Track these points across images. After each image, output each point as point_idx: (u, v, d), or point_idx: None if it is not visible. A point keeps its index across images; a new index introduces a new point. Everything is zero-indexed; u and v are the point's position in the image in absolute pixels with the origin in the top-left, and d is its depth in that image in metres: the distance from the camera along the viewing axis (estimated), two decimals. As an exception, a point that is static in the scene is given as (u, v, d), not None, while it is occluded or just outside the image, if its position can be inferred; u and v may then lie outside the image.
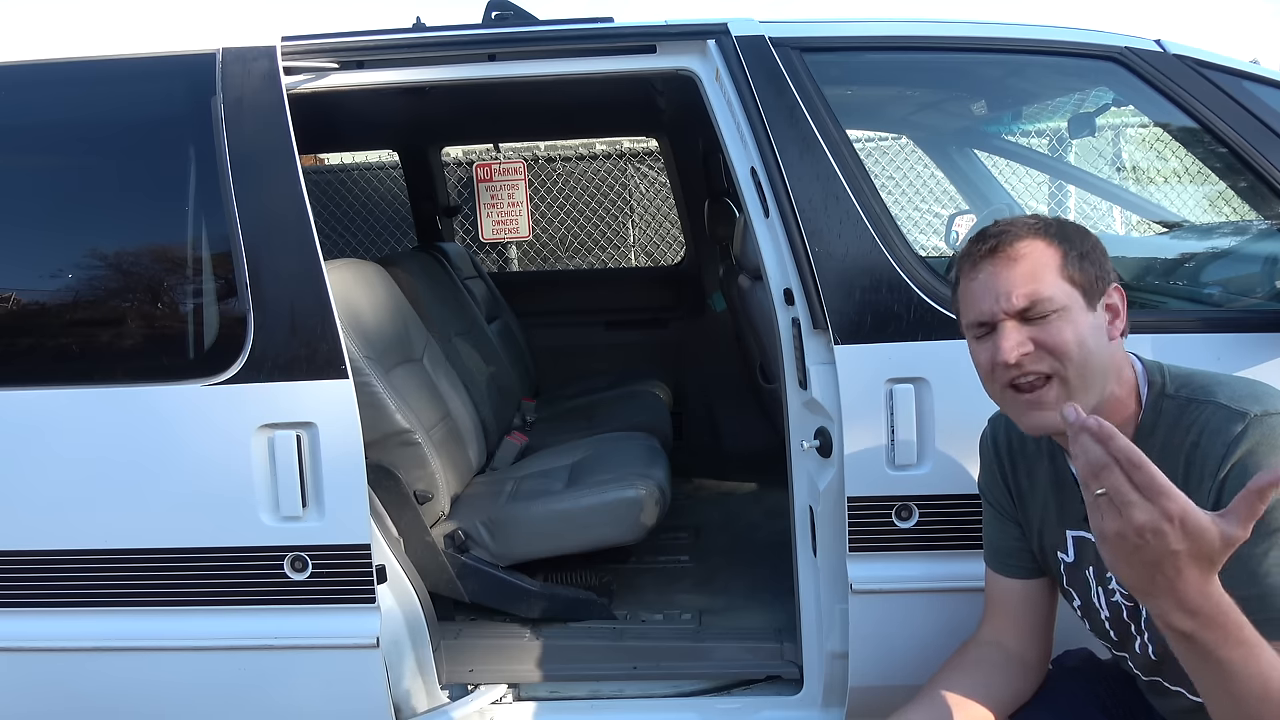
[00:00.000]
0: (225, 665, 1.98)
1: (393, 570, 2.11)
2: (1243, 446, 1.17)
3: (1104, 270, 1.31)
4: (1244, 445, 1.17)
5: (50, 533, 1.95)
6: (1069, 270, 1.27)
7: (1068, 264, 1.28)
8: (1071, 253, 1.29)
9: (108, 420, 1.92)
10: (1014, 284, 1.27)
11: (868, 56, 2.17)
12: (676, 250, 6.22)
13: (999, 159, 3.58)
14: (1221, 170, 2.11)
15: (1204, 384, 1.27)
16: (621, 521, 2.45)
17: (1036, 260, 1.27)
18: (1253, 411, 1.19)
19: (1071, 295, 1.27)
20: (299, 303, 1.91)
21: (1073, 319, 1.26)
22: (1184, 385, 1.29)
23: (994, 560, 1.58)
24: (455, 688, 2.21)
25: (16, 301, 2.01)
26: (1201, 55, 1.96)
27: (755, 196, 1.97)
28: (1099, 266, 1.30)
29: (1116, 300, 1.31)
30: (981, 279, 1.30)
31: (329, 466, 1.90)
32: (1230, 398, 1.22)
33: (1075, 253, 1.29)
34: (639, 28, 2.05)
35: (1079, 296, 1.27)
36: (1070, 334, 1.25)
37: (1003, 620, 1.55)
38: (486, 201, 5.56)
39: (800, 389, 1.97)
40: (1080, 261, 1.28)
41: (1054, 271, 1.27)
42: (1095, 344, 1.26)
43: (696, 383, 4.29)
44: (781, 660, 2.19)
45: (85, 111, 2.03)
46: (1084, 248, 1.30)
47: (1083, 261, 1.29)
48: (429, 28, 2.10)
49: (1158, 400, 1.29)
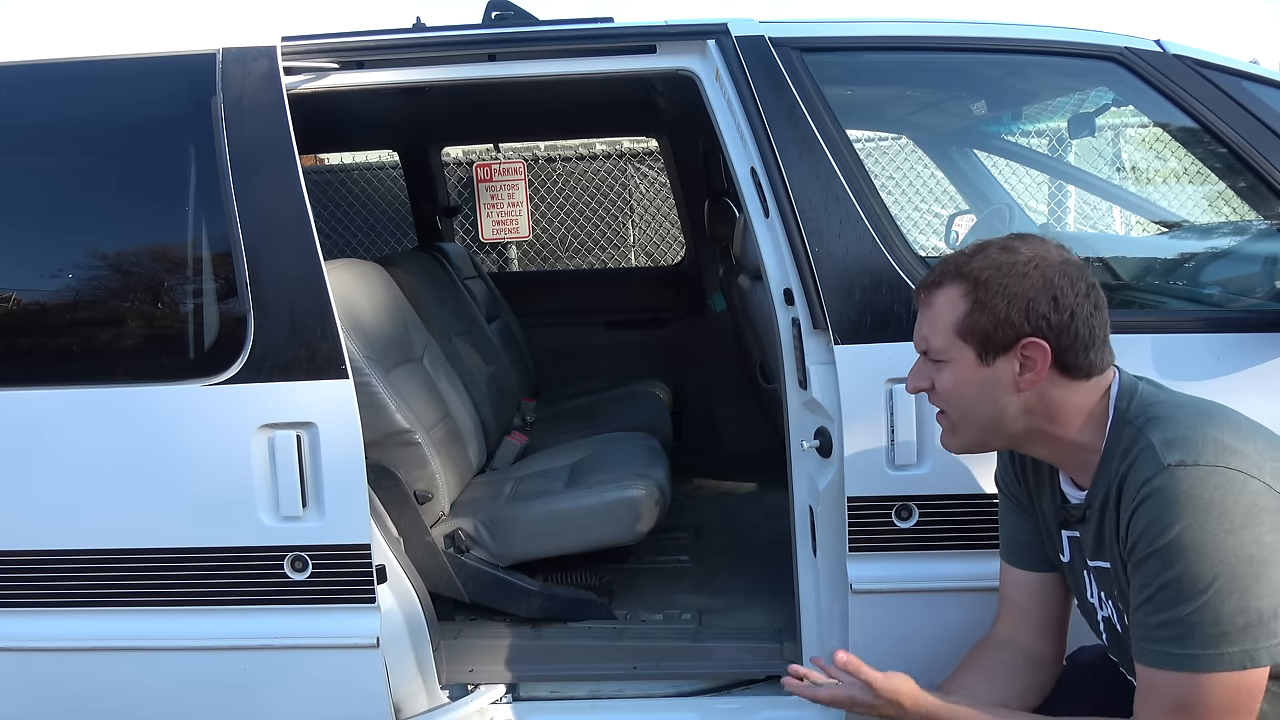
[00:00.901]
0: (225, 665, 1.98)
1: (393, 570, 2.11)
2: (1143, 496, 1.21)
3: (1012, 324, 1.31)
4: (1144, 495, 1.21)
5: (50, 533, 1.95)
6: (966, 325, 1.34)
7: (971, 316, 1.33)
8: (980, 306, 1.32)
9: (108, 420, 1.92)
10: (921, 327, 1.42)
11: (868, 56, 2.17)
12: (676, 250, 6.21)
13: (999, 159, 3.58)
14: (1221, 170, 2.11)
15: (1157, 415, 1.28)
16: (621, 521, 2.45)
17: (941, 310, 1.37)
18: (1168, 462, 1.20)
19: (961, 350, 1.35)
20: (299, 303, 1.91)
21: (956, 369, 1.36)
22: (1143, 411, 1.30)
23: (1008, 553, 1.59)
24: (455, 688, 2.21)
25: (16, 301, 2.01)
26: (1201, 55, 1.96)
27: (755, 196, 1.97)
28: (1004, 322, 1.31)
29: (1035, 355, 1.31)
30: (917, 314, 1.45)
31: (329, 466, 1.90)
32: (1163, 439, 1.23)
33: (989, 306, 1.32)
34: (639, 28, 2.05)
35: (968, 351, 1.34)
36: (950, 383, 1.38)
37: (1017, 616, 1.56)
38: (486, 201, 5.56)
39: (800, 389, 1.97)
40: (981, 315, 1.32)
41: (950, 325, 1.36)
42: (973, 394, 1.35)
43: (696, 383, 4.28)
44: (781, 660, 2.19)
45: (86, 111, 2.03)
46: (993, 301, 1.31)
47: (983, 315, 1.32)
48: (429, 28, 2.09)
49: (1120, 426, 1.31)
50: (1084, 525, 1.38)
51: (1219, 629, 1.15)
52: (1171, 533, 1.17)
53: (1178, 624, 1.17)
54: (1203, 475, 1.18)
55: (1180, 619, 1.17)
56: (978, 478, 1.83)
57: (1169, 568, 1.17)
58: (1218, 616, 1.15)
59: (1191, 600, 1.16)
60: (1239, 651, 1.15)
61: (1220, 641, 1.15)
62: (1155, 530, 1.19)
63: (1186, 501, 1.17)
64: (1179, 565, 1.16)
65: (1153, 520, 1.19)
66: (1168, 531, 1.17)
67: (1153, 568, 1.20)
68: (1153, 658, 1.21)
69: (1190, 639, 1.17)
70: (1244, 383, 1.75)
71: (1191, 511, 1.16)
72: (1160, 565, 1.18)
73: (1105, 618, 1.42)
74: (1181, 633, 1.17)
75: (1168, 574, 1.18)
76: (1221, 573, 1.14)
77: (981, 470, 1.81)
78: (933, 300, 1.39)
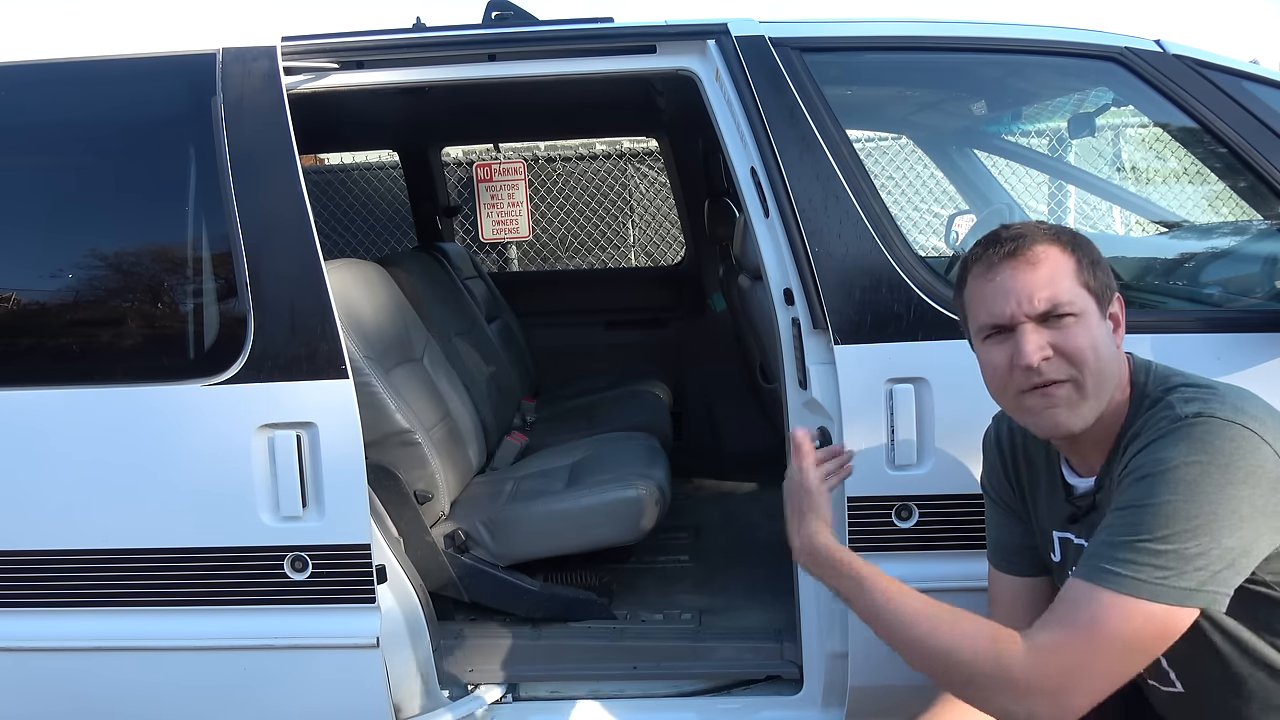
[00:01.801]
0: (225, 665, 1.98)
1: (393, 570, 2.11)
2: (1153, 437, 1.21)
3: (1111, 279, 1.34)
4: (1154, 435, 1.21)
5: (50, 533, 1.95)
6: (1084, 276, 1.30)
7: (1083, 270, 1.30)
8: (1085, 260, 1.31)
9: (108, 420, 1.92)
10: (1035, 287, 1.28)
11: (868, 56, 2.17)
12: (676, 250, 6.21)
13: (999, 159, 3.58)
14: (1221, 170, 2.11)
15: (1176, 384, 1.29)
16: (621, 521, 2.45)
17: (1055, 265, 1.29)
18: (1185, 413, 1.20)
19: (1087, 301, 1.29)
20: (299, 303, 1.91)
21: (1088, 325, 1.28)
22: (1161, 383, 1.31)
23: (997, 558, 1.59)
24: (455, 688, 2.21)
25: (16, 301, 2.01)
26: (1201, 55, 1.96)
27: (755, 196, 1.97)
28: (1107, 275, 1.34)
29: (1118, 310, 1.35)
30: (999, 281, 1.30)
31: (329, 466, 1.90)
32: (1182, 398, 1.24)
33: (1089, 260, 1.31)
34: (639, 28, 2.05)
35: (1093, 303, 1.30)
36: (1086, 340, 1.27)
37: (1007, 619, 1.54)
38: (486, 201, 5.56)
39: (800, 389, 1.97)
40: (1093, 269, 1.31)
41: (1071, 277, 1.29)
42: (1107, 351, 1.29)
43: (696, 383, 4.28)
44: (781, 660, 2.19)
45: (86, 111, 2.03)
46: (1094, 256, 1.33)
47: (1095, 269, 1.31)
48: (429, 28, 2.10)
49: (1140, 400, 1.32)
50: (1094, 515, 1.36)
51: (1176, 563, 1.14)
52: (1172, 463, 1.16)
53: (1139, 549, 1.15)
54: (1219, 427, 1.17)
55: (1142, 545, 1.15)
56: (978, 478, 1.83)
57: (1154, 495, 1.16)
58: (1182, 551, 1.14)
59: (1163, 530, 1.14)
60: (1182, 589, 1.14)
61: (1171, 575, 1.14)
62: (1158, 460, 1.18)
63: (1197, 443, 1.17)
64: (1167, 495, 1.15)
65: (1159, 452, 1.18)
66: (1168, 462, 1.16)
67: (1136, 492, 1.18)
68: (1096, 574, 1.17)
69: (1144, 566, 1.14)
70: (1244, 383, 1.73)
71: (1199, 452, 1.16)
72: (1145, 491, 1.17)
73: None
74: (1139, 559, 1.15)
75: (1150, 499, 1.16)
76: (1203, 513, 1.14)
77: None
78: (1039, 257, 1.29)
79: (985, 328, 1.34)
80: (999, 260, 1.31)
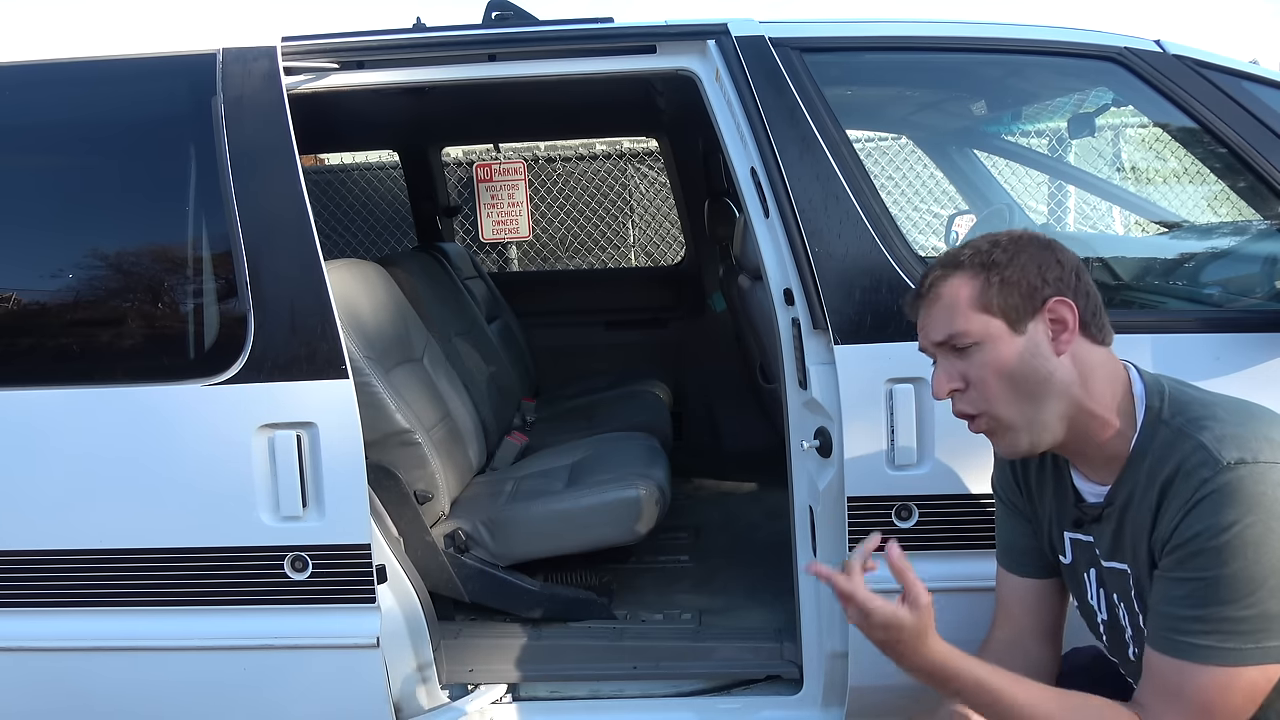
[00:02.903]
0: (225, 665, 1.98)
1: (393, 570, 2.11)
2: (1201, 495, 1.19)
3: (1034, 288, 1.30)
4: (1203, 494, 1.19)
5: (50, 533, 1.95)
6: (985, 300, 1.30)
7: (984, 294, 1.30)
8: (992, 280, 1.30)
9: (108, 420, 1.92)
10: (934, 321, 1.35)
11: (868, 57, 2.17)
12: (676, 250, 6.21)
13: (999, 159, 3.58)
14: (1221, 170, 2.11)
15: (1198, 415, 1.26)
16: (621, 521, 2.45)
17: (953, 296, 1.32)
18: (1227, 460, 1.18)
19: (988, 324, 1.30)
20: (299, 303, 1.91)
21: (991, 349, 1.30)
22: (1180, 412, 1.28)
23: (1006, 559, 1.59)
24: (455, 688, 2.21)
25: (17, 301, 2.01)
26: (1201, 55, 1.96)
27: (755, 196, 1.97)
28: (1026, 286, 1.30)
29: (1063, 313, 1.29)
30: (919, 322, 1.39)
31: (329, 466, 1.90)
32: (1215, 437, 1.21)
33: (996, 279, 1.30)
34: (639, 28, 2.05)
35: (998, 323, 1.30)
36: (992, 367, 1.30)
37: (1015, 620, 1.55)
38: (486, 201, 5.56)
39: (800, 389, 1.97)
40: (1001, 288, 1.30)
41: (968, 305, 1.31)
42: (1026, 367, 1.29)
43: (696, 383, 4.29)
44: (781, 660, 2.19)
45: (86, 111, 2.03)
46: (1007, 272, 1.30)
47: (1004, 287, 1.30)
48: (429, 28, 2.10)
49: (1154, 426, 1.29)
50: (1099, 525, 1.36)
51: (1266, 624, 1.15)
52: (1233, 530, 1.15)
53: (1223, 620, 1.16)
54: (1263, 472, 1.17)
55: (1227, 615, 1.16)
56: (978, 478, 1.83)
57: (1224, 564, 1.16)
58: (1266, 611, 1.14)
59: (1245, 597, 1.15)
60: (1275, 647, 1.15)
61: (1264, 636, 1.15)
62: (1214, 528, 1.17)
63: (1249, 498, 1.16)
64: (1236, 562, 1.15)
65: (1212, 518, 1.17)
66: (1229, 529, 1.16)
67: (1202, 563, 1.18)
68: (1185, 650, 1.19)
69: (1237, 634, 1.16)
70: (1244, 383, 1.74)
71: (1255, 509, 1.15)
72: (1212, 561, 1.17)
73: (1106, 620, 1.42)
74: (1230, 628, 1.16)
75: (1220, 570, 1.16)
76: (1277, 569, 1.14)
77: (981, 471, 1.80)
78: (939, 294, 1.33)
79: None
80: (912, 302, 1.40)
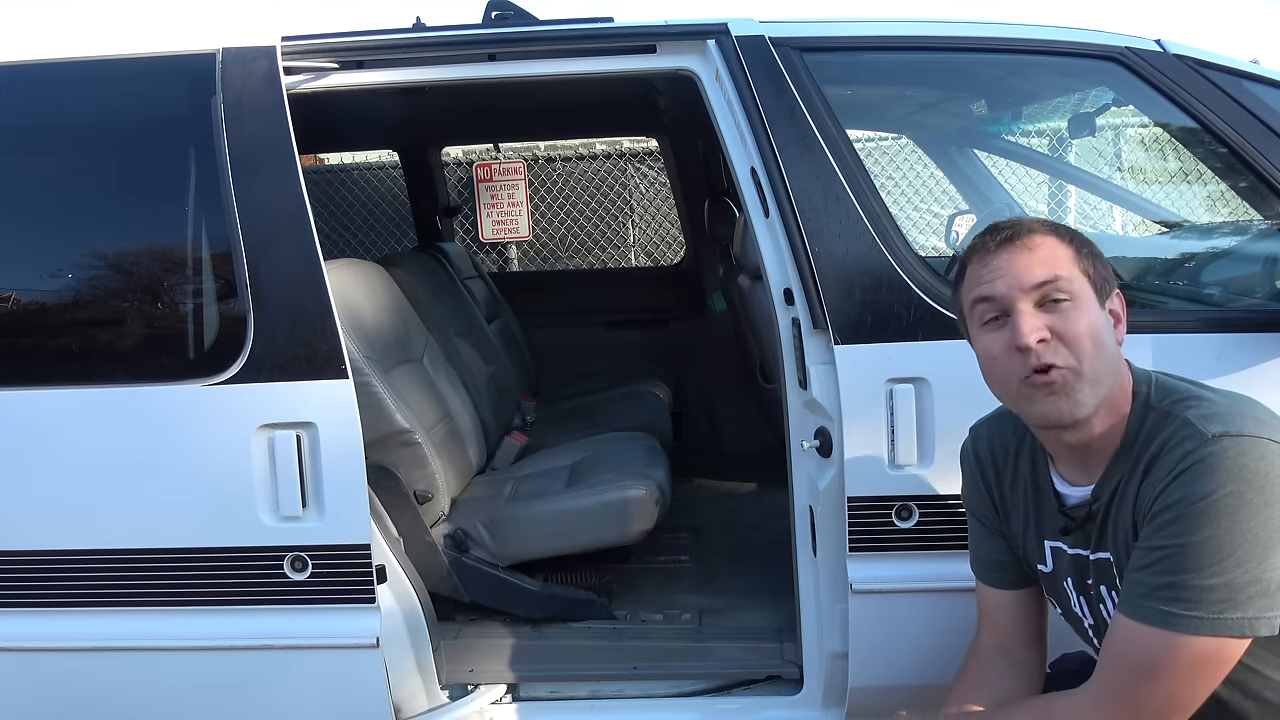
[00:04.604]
0: (225, 665, 1.98)
1: (393, 570, 2.11)
2: (1184, 466, 1.19)
3: (1110, 274, 1.34)
4: (1185, 464, 1.19)
5: (51, 533, 1.95)
6: (1083, 264, 1.30)
7: (1081, 259, 1.30)
8: (1084, 250, 1.32)
9: (108, 420, 1.92)
10: (1032, 266, 1.28)
11: (868, 56, 2.17)
12: (676, 250, 6.21)
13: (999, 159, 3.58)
14: (1221, 170, 2.11)
15: (1183, 396, 1.27)
16: (621, 521, 2.45)
17: (1052, 250, 1.29)
18: (1210, 432, 1.19)
19: (1085, 287, 1.29)
20: (299, 303, 1.91)
21: (1086, 311, 1.27)
22: (1166, 396, 1.29)
23: (982, 572, 1.58)
24: (455, 688, 2.21)
25: (16, 301, 2.01)
26: (1201, 55, 1.96)
27: (755, 196, 1.97)
28: (1107, 270, 1.33)
29: (1118, 306, 1.34)
30: (995, 266, 1.30)
31: (329, 466, 1.90)
32: (1200, 415, 1.22)
33: (1087, 251, 1.32)
34: (639, 28, 2.05)
35: (1091, 291, 1.29)
36: (1084, 326, 1.26)
37: (998, 629, 1.55)
38: (486, 201, 5.56)
39: (800, 389, 1.97)
40: (1093, 260, 1.31)
41: (1069, 262, 1.29)
42: (1107, 342, 1.28)
43: (696, 383, 4.28)
44: (781, 660, 2.19)
45: (86, 111, 2.03)
46: (1094, 250, 1.33)
47: (1094, 261, 1.31)
48: (429, 28, 2.10)
49: (1142, 411, 1.30)
50: (1085, 525, 1.36)
51: (1230, 594, 1.15)
52: (1210, 498, 1.16)
53: (1190, 587, 1.16)
54: (1247, 445, 1.17)
55: (1193, 583, 1.16)
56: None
57: (1196, 531, 1.16)
58: (1232, 582, 1.14)
59: (1212, 566, 1.15)
60: (1240, 619, 1.15)
61: (1226, 607, 1.15)
62: (1192, 495, 1.17)
63: (1230, 469, 1.16)
64: (1208, 530, 1.15)
65: (1192, 486, 1.17)
66: (1206, 497, 1.16)
67: (1176, 530, 1.18)
68: (1150, 615, 1.19)
69: (1199, 603, 1.16)
70: (1244, 383, 1.74)
71: (1235, 479, 1.15)
72: (1185, 528, 1.17)
73: (1092, 624, 1.41)
74: (1192, 596, 1.16)
75: (1192, 537, 1.16)
76: (1247, 540, 1.14)
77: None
78: (1036, 242, 1.29)
79: (979, 304, 1.32)
80: (995, 246, 1.31)
